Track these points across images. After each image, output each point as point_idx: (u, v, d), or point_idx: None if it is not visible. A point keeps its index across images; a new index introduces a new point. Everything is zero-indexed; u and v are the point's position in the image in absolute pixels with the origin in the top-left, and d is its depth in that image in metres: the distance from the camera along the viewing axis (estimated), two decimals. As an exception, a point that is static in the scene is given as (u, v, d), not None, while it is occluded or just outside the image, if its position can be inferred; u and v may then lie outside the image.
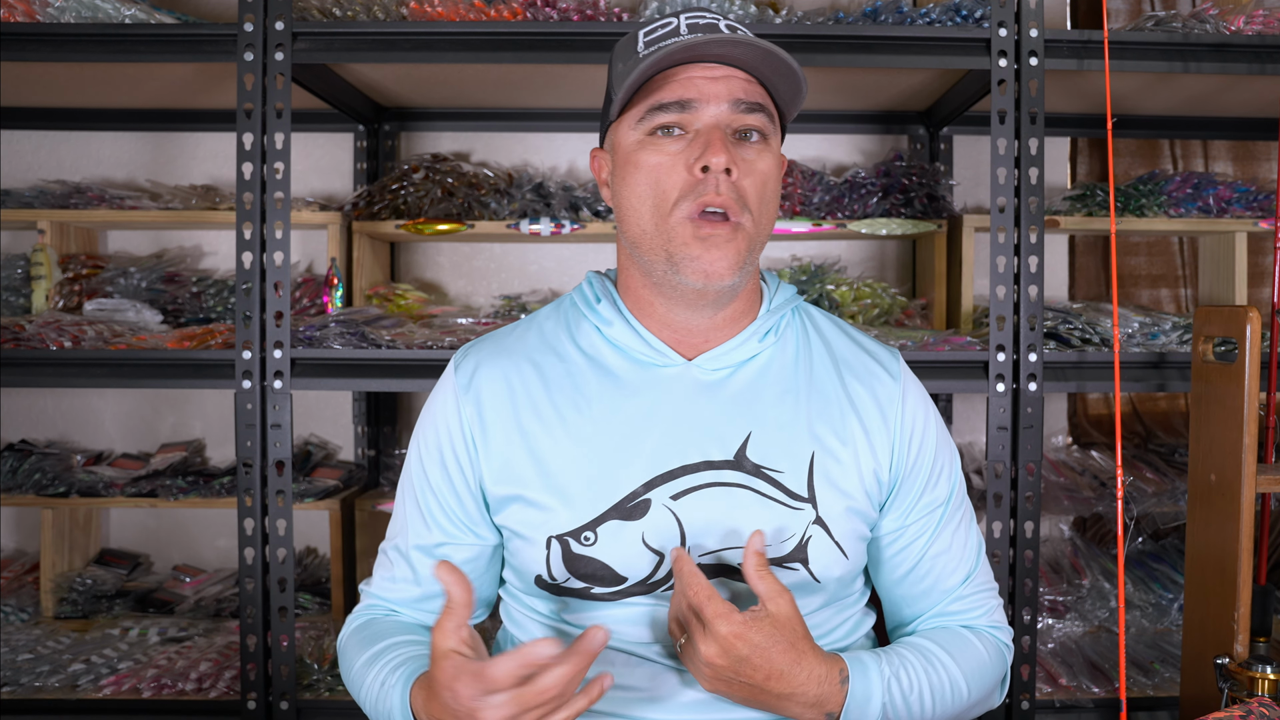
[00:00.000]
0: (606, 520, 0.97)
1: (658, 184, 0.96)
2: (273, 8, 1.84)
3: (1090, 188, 2.29)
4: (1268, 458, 1.67)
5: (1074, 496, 2.25)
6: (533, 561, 0.99)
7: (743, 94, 0.96)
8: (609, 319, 1.03)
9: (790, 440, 1.00)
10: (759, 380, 1.03)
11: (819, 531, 0.99)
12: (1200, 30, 1.91)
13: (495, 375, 1.03)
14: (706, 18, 0.98)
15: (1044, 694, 1.96)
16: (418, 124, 2.51)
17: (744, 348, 1.03)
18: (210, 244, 2.55)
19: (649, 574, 0.97)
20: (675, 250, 0.96)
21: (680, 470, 0.98)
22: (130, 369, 1.93)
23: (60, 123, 2.48)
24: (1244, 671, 1.44)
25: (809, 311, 1.12)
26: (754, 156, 0.97)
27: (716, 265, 0.95)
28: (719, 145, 0.94)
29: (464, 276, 2.56)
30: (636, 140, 0.98)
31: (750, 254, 0.97)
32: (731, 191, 0.95)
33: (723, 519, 0.98)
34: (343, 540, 2.27)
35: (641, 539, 0.97)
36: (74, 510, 2.36)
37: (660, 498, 0.97)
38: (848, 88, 2.23)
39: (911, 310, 2.26)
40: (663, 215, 0.96)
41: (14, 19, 1.90)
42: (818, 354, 1.07)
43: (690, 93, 0.95)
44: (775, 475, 0.99)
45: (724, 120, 0.96)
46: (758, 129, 0.97)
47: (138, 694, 1.95)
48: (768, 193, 0.98)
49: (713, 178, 0.94)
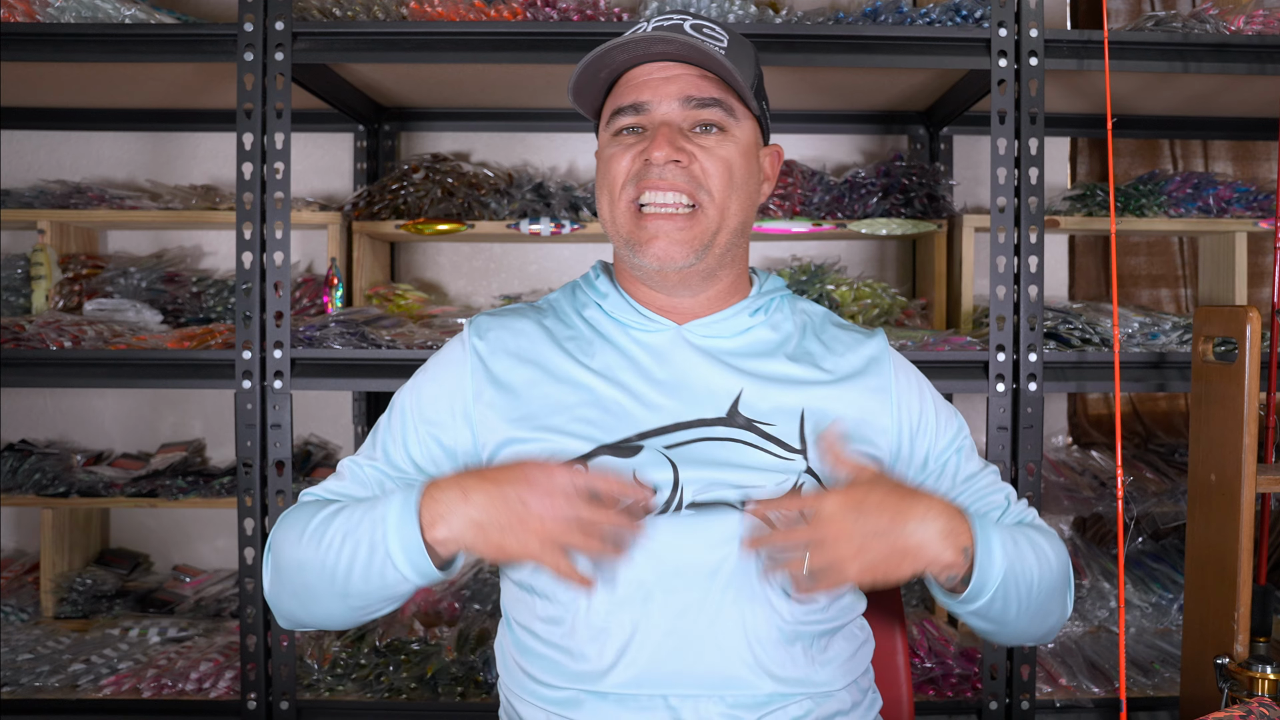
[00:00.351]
0: (598, 455, 1.00)
1: (609, 172, 1.05)
2: (273, 8, 1.84)
3: (1090, 188, 2.29)
4: (1268, 458, 1.67)
5: (1074, 496, 2.25)
6: None
7: (694, 90, 1.03)
8: (605, 293, 1.10)
9: (781, 396, 1.05)
10: (750, 347, 1.09)
11: (811, 481, 1.02)
12: (1200, 30, 1.91)
13: (505, 329, 1.10)
14: (673, 19, 1.05)
15: (1044, 694, 1.96)
16: (418, 124, 2.51)
17: (734, 320, 1.09)
18: (210, 244, 2.55)
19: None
20: (627, 235, 1.05)
21: (674, 427, 1.02)
22: (130, 369, 1.93)
23: (60, 123, 2.48)
24: (1244, 671, 1.44)
25: (797, 300, 1.18)
26: (713, 144, 1.04)
27: (669, 248, 1.02)
28: (662, 139, 1.01)
29: (464, 276, 2.56)
30: (605, 140, 1.08)
31: (714, 237, 1.04)
32: (682, 177, 1.02)
33: (717, 463, 1.01)
34: (343, 540, 2.27)
35: (633, 475, 0.99)
36: (74, 510, 2.36)
37: (654, 445, 1.01)
38: (848, 88, 2.23)
39: (911, 310, 2.26)
40: (614, 202, 1.05)
41: (14, 19, 1.90)
42: (808, 331, 1.13)
43: (643, 94, 1.04)
44: (767, 429, 1.03)
45: (674, 117, 1.03)
46: (713, 122, 1.04)
47: (138, 694, 1.95)
48: (735, 178, 1.04)
49: (655, 168, 1.01)
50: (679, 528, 0.98)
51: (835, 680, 1.03)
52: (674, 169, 1.01)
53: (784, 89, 2.23)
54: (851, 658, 1.06)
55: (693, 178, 1.02)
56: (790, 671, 0.99)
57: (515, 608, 1.07)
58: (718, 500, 0.99)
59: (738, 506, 0.99)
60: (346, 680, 1.99)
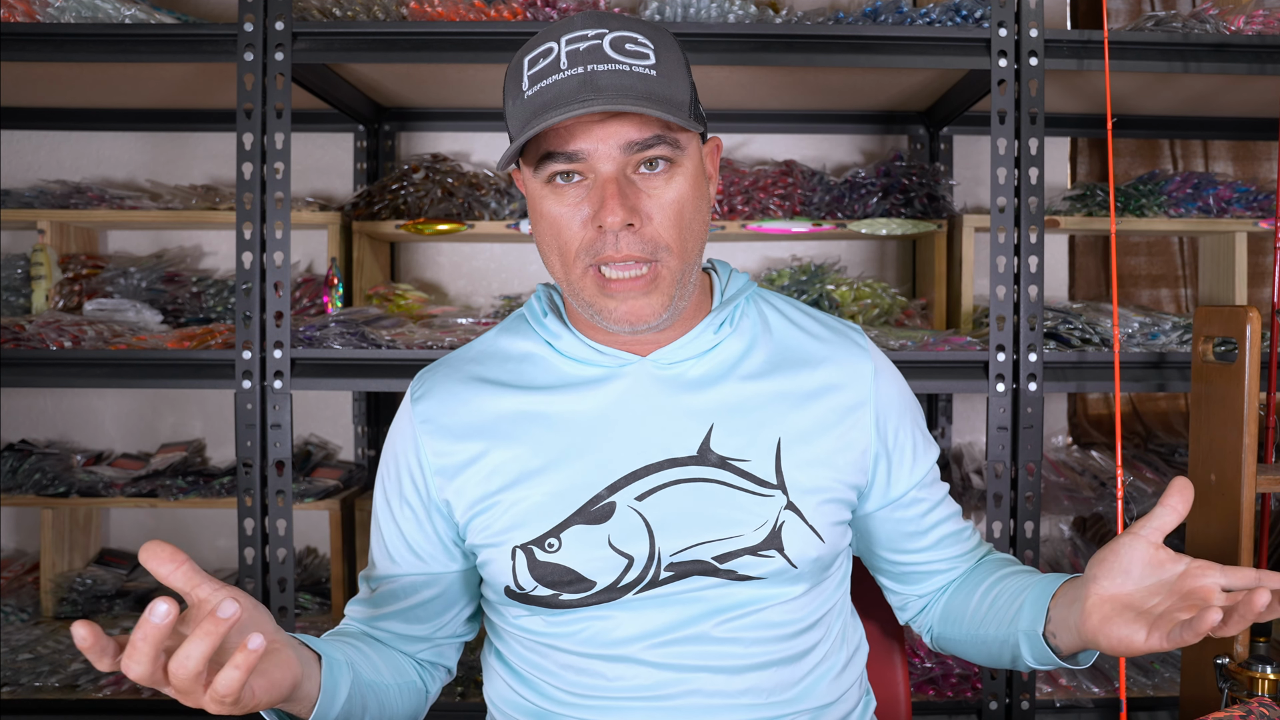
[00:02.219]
0: (570, 525, 0.96)
1: (559, 237, 0.95)
2: (273, 8, 1.84)
3: (1090, 188, 2.29)
4: (1268, 458, 1.67)
5: (1074, 496, 2.25)
6: (501, 572, 0.98)
7: (635, 134, 0.91)
8: (557, 333, 1.02)
9: (754, 428, 0.99)
10: (717, 371, 1.01)
11: (792, 516, 0.98)
12: (1200, 30, 1.91)
13: (449, 397, 1.03)
14: (588, 40, 0.92)
15: (1044, 694, 1.96)
16: (418, 124, 2.51)
17: (699, 341, 1.01)
18: (210, 244, 2.55)
19: (618, 576, 0.96)
20: (590, 301, 0.96)
21: (643, 470, 0.97)
22: (130, 369, 1.93)
23: (60, 123, 2.48)
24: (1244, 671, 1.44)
25: (765, 297, 1.09)
26: (661, 185, 0.93)
27: (641, 311, 0.94)
28: (613, 202, 0.90)
29: (464, 276, 2.56)
30: (538, 186, 0.95)
31: (680, 286, 0.96)
32: (635, 244, 0.92)
33: (690, 515, 0.96)
34: (343, 540, 2.27)
35: (608, 541, 0.96)
36: (74, 510, 2.36)
37: (625, 499, 0.96)
38: (848, 88, 2.23)
39: (911, 310, 2.26)
40: (568, 267, 0.95)
41: (14, 19, 1.90)
42: (779, 339, 1.05)
43: (579, 143, 0.91)
44: (742, 465, 0.98)
45: (619, 166, 0.92)
46: (660, 157, 0.93)
47: (137, 694, 1.96)
48: (685, 217, 0.95)
49: (610, 234, 0.92)
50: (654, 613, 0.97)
51: (826, 695, 1.03)
52: (628, 235, 0.91)
53: (784, 89, 2.23)
54: (841, 672, 1.06)
55: (647, 241, 0.92)
56: (777, 696, 1.00)
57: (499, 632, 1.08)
58: (690, 561, 0.96)
59: (716, 568, 0.96)
60: (346, 680, 1.99)
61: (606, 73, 0.90)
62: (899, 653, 1.26)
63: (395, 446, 1.06)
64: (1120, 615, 0.86)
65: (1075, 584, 0.94)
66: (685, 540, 0.96)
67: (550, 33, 0.93)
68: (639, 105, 0.88)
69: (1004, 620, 1.01)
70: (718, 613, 0.98)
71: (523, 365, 1.04)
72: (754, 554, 0.97)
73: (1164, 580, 0.86)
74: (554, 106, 0.89)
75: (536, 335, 1.05)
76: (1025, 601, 0.99)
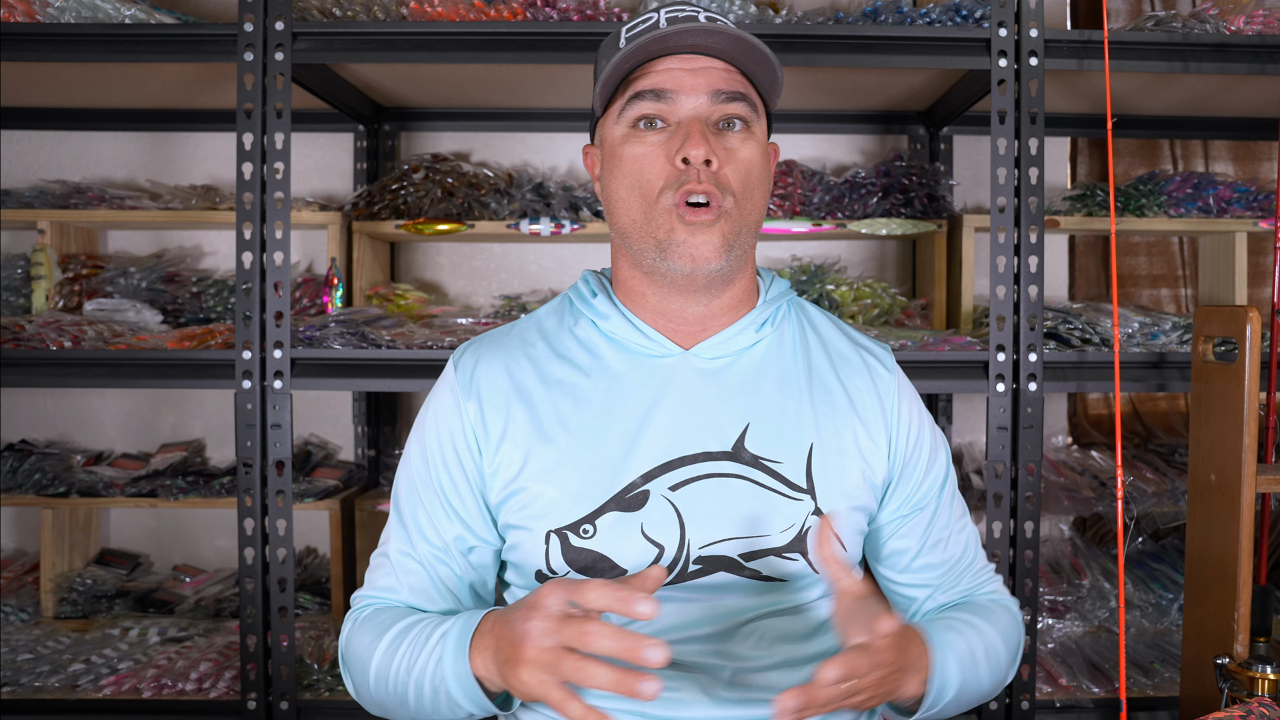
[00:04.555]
0: (605, 512, 0.97)
1: (641, 174, 0.98)
2: (273, 8, 1.84)
3: (1090, 188, 2.29)
4: (1268, 458, 1.67)
5: (1074, 496, 2.25)
6: (533, 555, 0.99)
7: (722, 84, 0.98)
8: (605, 313, 1.04)
9: (789, 431, 1.01)
10: (757, 370, 1.04)
11: (818, 522, 0.99)
12: (1200, 30, 1.91)
13: (495, 371, 1.04)
14: (686, 10, 1.00)
15: (1044, 694, 1.96)
16: (418, 124, 2.51)
17: (741, 336, 1.04)
18: (210, 244, 2.55)
19: (649, 565, 0.96)
20: (663, 237, 0.98)
21: (678, 461, 0.99)
22: (130, 369, 1.93)
23: (60, 123, 2.48)
24: (1244, 671, 1.44)
25: (804, 306, 1.13)
26: (737, 145, 0.99)
27: (703, 249, 0.97)
28: (698, 137, 0.96)
29: (464, 276, 2.56)
30: (621, 134, 1.00)
31: (738, 238, 0.99)
32: (712, 180, 0.96)
33: (721, 509, 0.98)
34: (343, 540, 2.27)
35: (640, 530, 0.97)
36: (74, 510, 2.36)
37: (659, 488, 0.98)
38: (848, 88, 2.23)
39: (911, 310, 2.26)
40: (649, 204, 0.98)
41: (14, 19, 1.90)
42: (814, 347, 1.08)
43: (668, 83, 0.97)
44: (774, 466, 0.99)
45: (703, 111, 0.98)
46: (739, 117, 0.99)
47: (138, 694, 1.95)
48: (753, 179, 1.00)
49: (694, 169, 0.96)
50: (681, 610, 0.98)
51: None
52: (706, 171, 0.97)
53: (784, 89, 2.22)
54: None
55: (720, 181, 0.97)
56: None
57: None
58: (716, 556, 0.97)
59: (742, 565, 0.97)
60: (346, 680, 1.99)
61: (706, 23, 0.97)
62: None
63: (439, 415, 1.05)
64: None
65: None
66: (715, 534, 0.98)
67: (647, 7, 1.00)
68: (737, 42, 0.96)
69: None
70: (737, 613, 0.98)
71: (567, 345, 1.05)
72: (779, 555, 0.98)
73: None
74: (656, 43, 0.96)
75: (583, 316, 1.06)
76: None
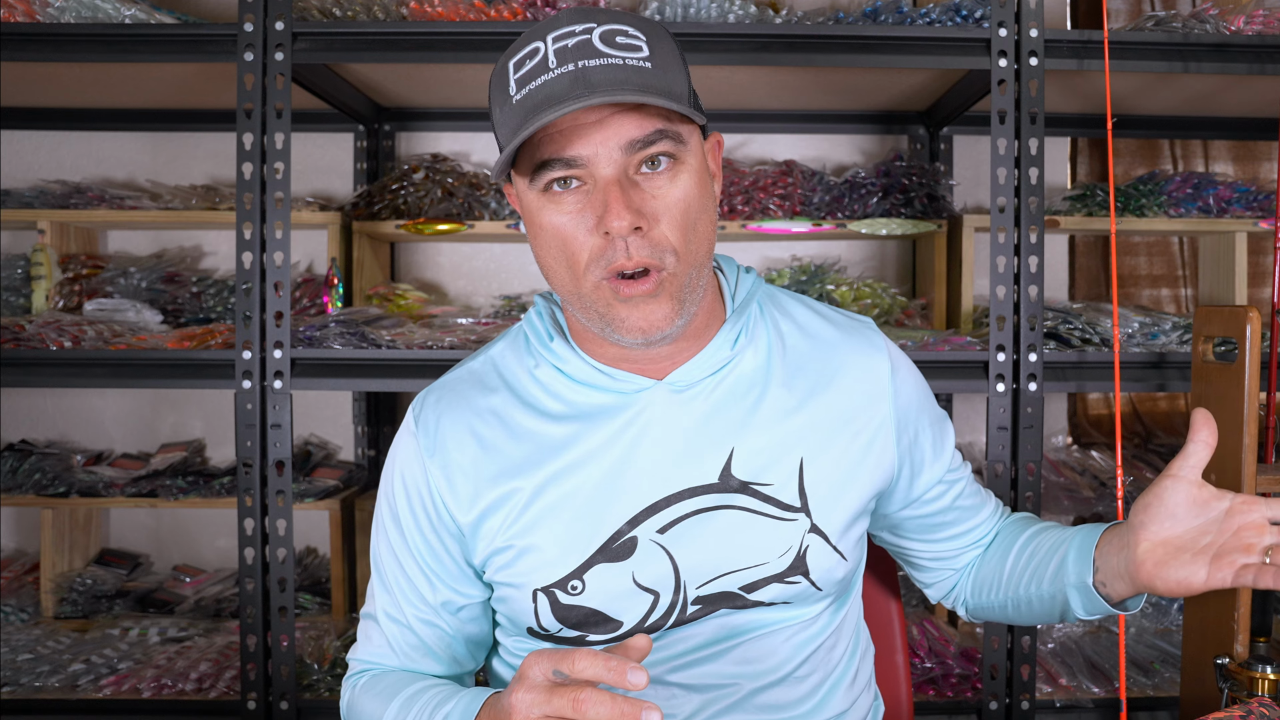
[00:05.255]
0: (593, 565, 0.92)
1: (565, 247, 0.89)
2: (273, 8, 1.84)
3: (1090, 188, 2.29)
4: (1268, 458, 1.67)
5: (1074, 496, 2.25)
6: (523, 613, 0.95)
7: (636, 131, 0.86)
8: (564, 357, 0.97)
9: (775, 448, 0.95)
10: (735, 389, 0.97)
11: (816, 540, 0.96)
12: (1200, 30, 1.91)
13: (459, 430, 0.97)
14: (576, 35, 0.86)
15: (1044, 694, 1.96)
16: (418, 124, 2.51)
17: (715, 357, 0.97)
18: (210, 244, 2.55)
19: (645, 614, 0.93)
20: (603, 310, 0.89)
21: (664, 502, 0.93)
22: (130, 369, 1.93)
23: (60, 123, 2.48)
24: (1244, 671, 1.44)
25: (775, 298, 1.05)
26: (666, 184, 0.88)
27: (651, 319, 0.89)
28: (617, 206, 0.85)
29: (464, 276, 2.56)
30: (535, 200, 0.90)
31: (689, 293, 0.91)
32: (644, 248, 0.87)
33: (715, 546, 0.93)
34: (343, 540, 2.27)
35: (632, 579, 0.93)
36: (74, 510, 2.36)
37: (646, 533, 0.93)
38: (848, 88, 2.23)
39: (911, 310, 2.26)
40: (578, 279, 0.89)
41: (14, 19, 1.90)
42: (792, 345, 1.01)
43: (575, 148, 0.86)
44: (764, 490, 0.95)
45: (619, 168, 0.86)
46: (663, 154, 0.87)
47: (138, 694, 1.95)
48: (691, 216, 0.89)
49: (619, 240, 0.86)
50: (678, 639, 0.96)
51: (842, 703, 1.04)
52: (636, 240, 0.86)
53: (784, 89, 2.23)
54: (854, 679, 1.06)
55: (655, 245, 0.87)
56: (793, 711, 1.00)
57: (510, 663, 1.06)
58: (717, 593, 0.94)
59: (745, 598, 0.95)
60: (346, 680, 1.99)
61: (599, 68, 0.84)
62: (901, 653, 1.26)
63: (405, 475, 0.99)
64: (1175, 558, 0.88)
65: (1118, 531, 0.94)
66: (710, 572, 0.94)
67: (535, 33, 0.88)
68: (638, 95, 0.83)
69: (1045, 577, 1.01)
70: (740, 633, 0.97)
71: (530, 391, 0.98)
72: (780, 581, 0.95)
73: (1211, 518, 0.88)
74: (546, 106, 0.83)
75: (543, 359, 0.99)
76: (1068, 556, 0.98)
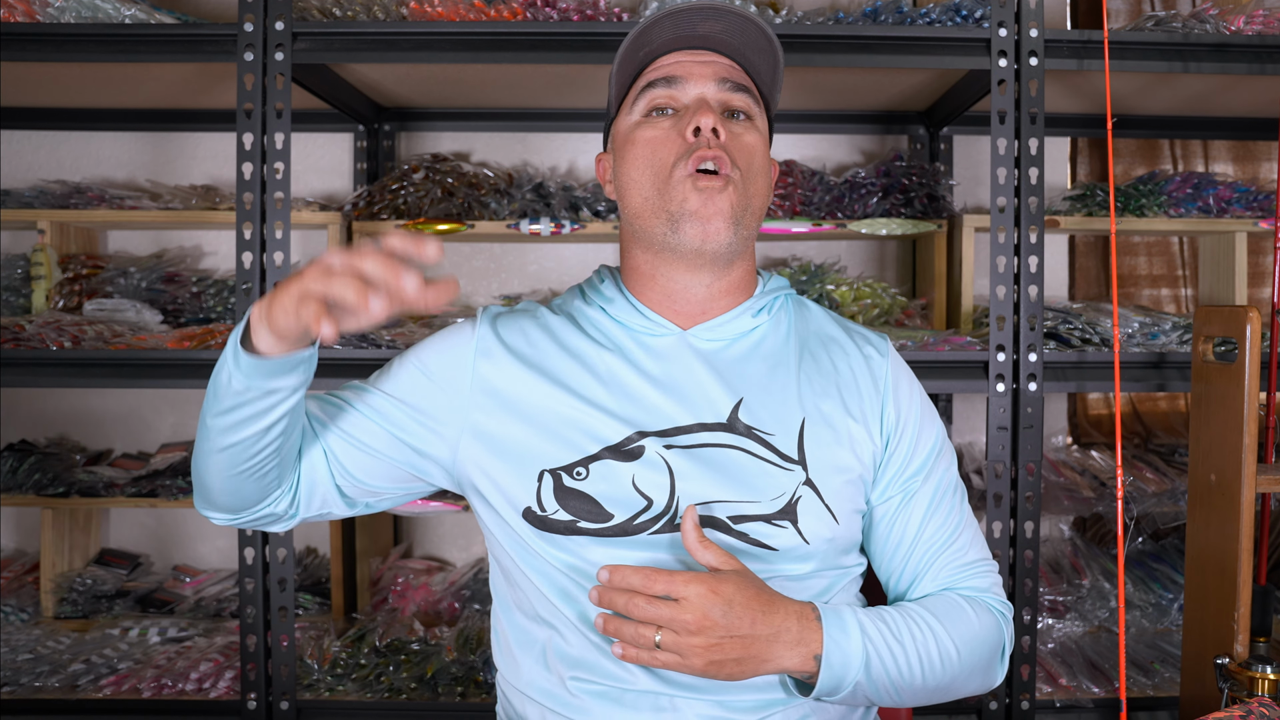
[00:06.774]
0: (600, 459, 1.01)
1: (655, 154, 1.05)
2: (273, 8, 1.84)
3: (1090, 188, 2.29)
4: (1268, 458, 1.67)
5: (1074, 496, 2.25)
6: (523, 493, 1.01)
7: (727, 74, 1.07)
8: (611, 297, 1.11)
9: (781, 406, 1.05)
10: (752, 353, 1.09)
11: (809, 493, 1.01)
12: (1200, 30, 1.91)
13: (513, 324, 1.11)
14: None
15: (1044, 694, 1.96)
16: (418, 124, 2.51)
17: (738, 322, 1.09)
18: (210, 244, 2.55)
19: (635, 514, 0.99)
20: (675, 209, 1.03)
21: (674, 430, 1.02)
22: (130, 369, 1.93)
23: (60, 123, 2.48)
24: (1244, 671, 1.44)
25: (804, 303, 1.18)
26: (741, 130, 1.06)
27: (714, 220, 1.02)
28: (706, 110, 1.03)
29: (464, 276, 2.56)
30: (633, 122, 1.08)
31: (744, 215, 1.04)
32: (721, 149, 1.03)
33: (713, 475, 1.01)
34: (343, 540, 2.27)
35: (632, 480, 1.00)
36: (74, 510, 2.36)
37: (654, 445, 1.02)
38: (848, 88, 2.23)
39: (911, 310, 2.26)
40: (662, 180, 1.04)
41: (14, 19, 1.90)
42: (810, 335, 1.13)
43: (677, 71, 1.06)
44: (766, 437, 1.03)
45: (710, 96, 1.06)
46: (742, 109, 1.07)
47: (138, 694, 1.95)
48: (755, 165, 1.06)
49: (704, 137, 1.03)
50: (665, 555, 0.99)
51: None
52: (714, 140, 1.03)
53: (784, 89, 2.23)
54: None
55: (728, 151, 1.03)
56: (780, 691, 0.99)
57: (503, 599, 1.09)
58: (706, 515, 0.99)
59: (730, 527, 0.99)
60: (346, 680, 1.99)
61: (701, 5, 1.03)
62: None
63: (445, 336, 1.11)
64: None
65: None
66: (703, 495, 1.00)
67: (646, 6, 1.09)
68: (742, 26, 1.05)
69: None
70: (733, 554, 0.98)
71: (581, 323, 1.11)
72: (768, 522, 1.00)
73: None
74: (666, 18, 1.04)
75: (594, 301, 1.13)
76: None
